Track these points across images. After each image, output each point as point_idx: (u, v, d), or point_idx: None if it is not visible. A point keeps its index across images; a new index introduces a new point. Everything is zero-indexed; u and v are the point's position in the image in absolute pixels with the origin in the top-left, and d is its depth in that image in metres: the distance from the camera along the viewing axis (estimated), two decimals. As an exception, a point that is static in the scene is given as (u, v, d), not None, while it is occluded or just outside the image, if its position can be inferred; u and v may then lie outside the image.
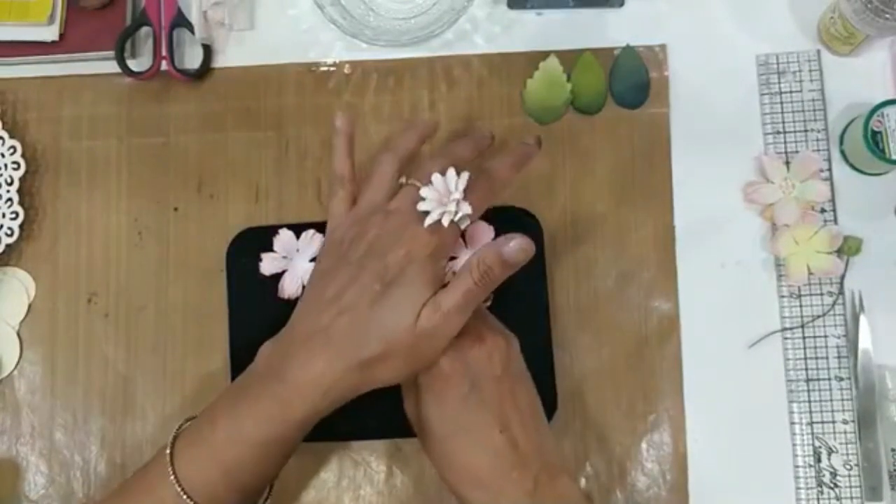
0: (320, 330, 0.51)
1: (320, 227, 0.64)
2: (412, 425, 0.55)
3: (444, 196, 0.52)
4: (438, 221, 0.52)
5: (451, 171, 0.52)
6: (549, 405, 0.61)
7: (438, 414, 0.52)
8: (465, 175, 0.52)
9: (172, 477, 0.51)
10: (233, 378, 0.62)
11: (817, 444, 0.61)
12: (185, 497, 0.50)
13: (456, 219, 0.52)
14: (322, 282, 0.53)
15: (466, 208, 0.52)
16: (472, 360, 0.51)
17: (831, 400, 0.62)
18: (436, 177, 0.52)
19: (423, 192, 0.52)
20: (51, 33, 0.67)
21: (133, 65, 0.67)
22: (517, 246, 0.51)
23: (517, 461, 0.50)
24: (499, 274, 0.51)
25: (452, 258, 0.62)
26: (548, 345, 0.62)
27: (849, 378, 0.62)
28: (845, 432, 0.61)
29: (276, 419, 0.51)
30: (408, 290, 0.50)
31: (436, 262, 0.52)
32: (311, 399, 0.51)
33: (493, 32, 0.67)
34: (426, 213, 0.52)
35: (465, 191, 0.52)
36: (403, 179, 0.55)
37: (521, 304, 0.62)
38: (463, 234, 0.62)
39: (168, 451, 0.52)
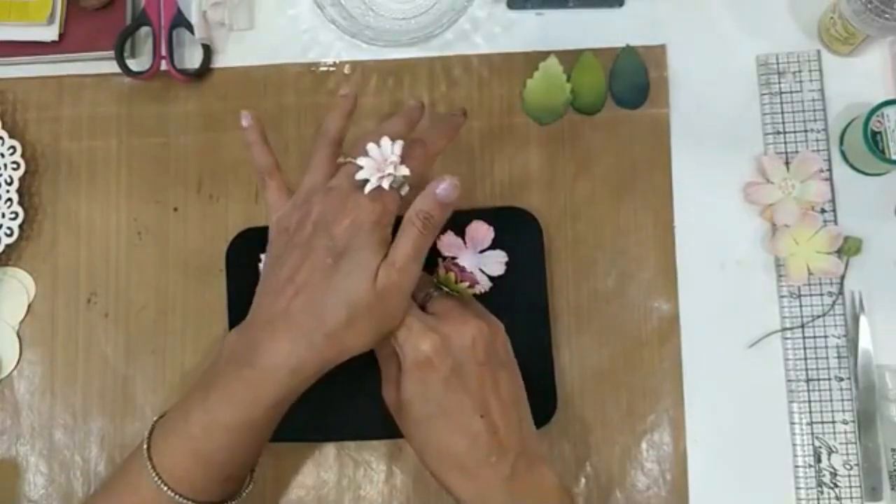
0: (279, 312, 0.51)
1: (320, 227, 0.64)
2: (392, 413, 0.54)
3: (382, 164, 0.52)
4: (379, 188, 0.52)
5: (386, 139, 0.53)
6: (549, 405, 0.61)
7: (419, 396, 0.52)
8: (400, 142, 0.53)
9: (151, 470, 0.51)
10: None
11: (817, 444, 0.61)
12: (165, 489, 0.51)
13: (396, 185, 0.53)
14: (275, 267, 0.54)
15: (404, 170, 0.52)
16: (455, 344, 0.52)
17: (831, 400, 0.62)
18: (371, 146, 0.53)
19: (360, 160, 0.52)
20: (51, 33, 0.67)
21: (133, 65, 0.67)
22: (448, 185, 0.53)
23: (496, 447, 0.51)
24: (438, 217, 0.53)
25: (453, 258, 0.62)
26: (548, 345, 0.62)
27: (849, 378, 0.62)
28: (845, 432, 0.61)
29: (248, 404, 0.51)
30: (359, 255, 0.51)
31: (382, 227, 0.52)
32: (280, 381, 0.51)
33: (493, 32, 0.67)
34: (366, 182, 0.52)
35: (402, 157, 0.53)
36: (342, 159, 0.55)
37: (521, 304, 0.62)
38: (463, 235, 0.62)
39: (145, 446, 0.52)
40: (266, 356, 0.51)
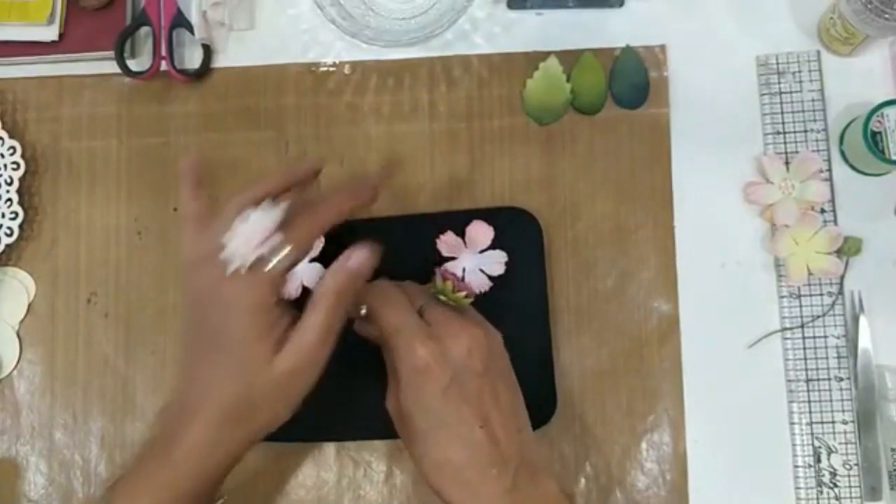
0: (186, 400, 0.51)
1: (320, 228, 0.64)
2: (393, 421, 0.54)
3: (251, 241, 0.49)
4: (257, 266, 0.49)
5: (256, 214, 0.50)
6: (549, 405, 0.61)
7: (418, 408, 0.51)
8: (275, 212, 0.50)
9: None
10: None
11: (817, 444, 0.62)
12: None
13: (276, 266, 0.49)
14: (184, 349, 0.54)
15: (281, 249, 0.50)
16: (452, 354, 0.51)
17: (831, 400, 0.62)
18: (238, 222, 0.50)
19: (226, 237, 0.49)
20: (51, 33, 0.67)
21: (133, 65, 0.67)
22: (362, 256, 0.52)
23: (497, 458, 0.50)
24: (352, 290, 0.52)
25: (452, 258, 0.62)
26: (548, 345, 0.62)
27: (848, 378, 0.62)
28: (845, 432, 0.61)
29: (167, 491, 0.50)
30: (245, 346, 0.50)
31: (264, 310, 0.50)
32: (195, 468, 0.50)
33: (493, 32, 0.67)
34: (240, 259, 0.49)
35: (285, 228, 0.50)
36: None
37: (521, 304, 0.62)
38: (463, 235, 0.62)
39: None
40: (178, 445, 0.50)
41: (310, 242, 0.52)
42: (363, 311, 0.54)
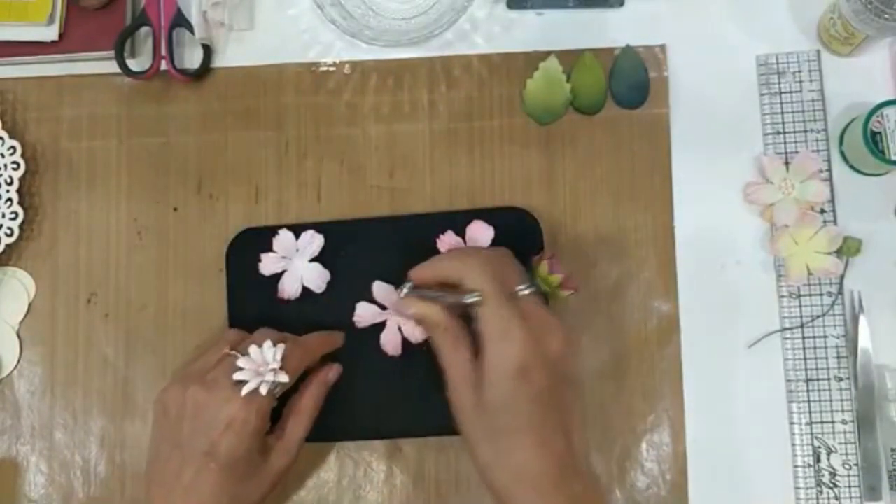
0: None
1: (320, 228, 0.64)
2: (460, 416, 0.51)
3: (262, 367, 0.55)
4: (256, 390, 0.54)
5: (268, 343, 0.56)
6: (549, 405, 0.61)
7: (506, 408, 0.49)
8: (282, 347, 0.55)
9: None
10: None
11: (817, 444, 0.62)
12: None
13: (273, 389, 0.55)
14: (160, 461, 0.55)
15: (283, 377, 0.55)
16: (552, 357, 0.50)
17: (830, 400, 0.62)
18: (253, 348, 0.55)
19: (241, 361, 0.55)
20: (50, 33, 0.67)
21: (133, 65, 0.67)
22: (335, 373, 0.60)
23: (570, 466, 0.49)
24: (323, 399, 0.59)
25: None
26: (548, 345, 0.62)
27: (848, 378, 0.62)
28: (844, 432, 0.61)
29: None
30: (241, 462, 0.54)
31: (259, 432, 0.55)
32: None
33: (493, 32, 0.67)
34: (243, 383, 0.55)
35: (281, 361, 0.55)
36: (227, 350, 0.57)
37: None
38: (463, 235, 0.63)
39: None
40: None
41: (295, 374, 0.57)
42: (474, 298, 0.51)
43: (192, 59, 0.68)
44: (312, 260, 0.64)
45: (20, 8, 0.67)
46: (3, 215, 0.65)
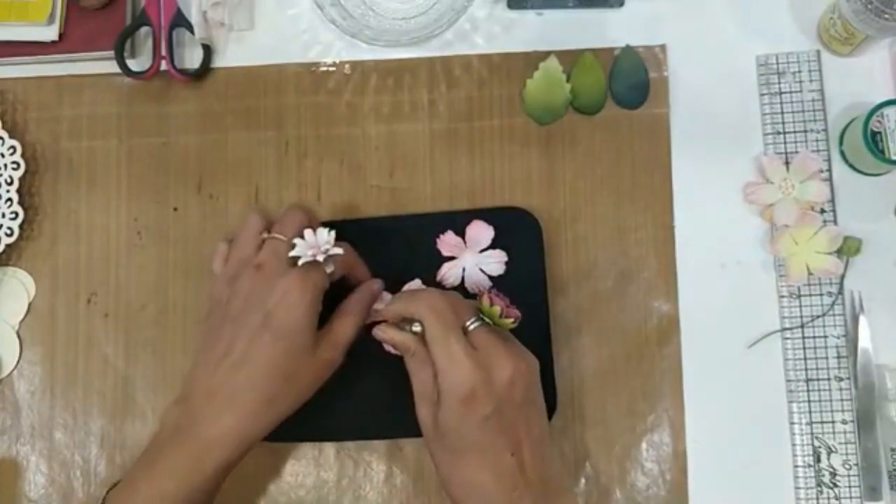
0: (219, 386, 0.54)
1: (320, 228, 0.64)
2: (423, 430, 0.55)
3: (314, 248, 0.55)
4: (311, 263, 0.55)
5: (321, 228, 0.56)
6: (549, 405, 0.61)
7: (457, 430, 0.52)
8: (333, 232, 0.56)
9: None
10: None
11: (817, 444, 0.62)
12: None
13: (329, 253, 0.56)
14: (210, 341, 0.56)
15: (337, 249, 0.56)
16: (498, 384, 0.52)
17: (831, 400, 0.62)
18: (307, 232, 0.56)
19: (297, 241, 0.56)
20: (51, 33, 0.67)
21: (133, 65, 0.67)
22: (379, 285, 0.60)
23: (521, 482, 0.52)
24: (370, 303, 0.60)
25: (452, 258, 0.62)
26: (548, 345, 0.62)
27: (848, 378, 0.62)
28: (845, 432, 0.61)
29: (192, 474, 0.53)
30: (297, 336, 0.54)
31: (314, 306, 0.55)
32: (222, 452, 0.53)
33: (493, 32, 0.67)
34: (297, 260, 0.55)
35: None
36: (265, 234, 0.58)
37: (521, 305, 0.61)
38: (463, 235, 0.63)
39: None
40: (211, 429, 0.53)
41: (348, 263, 0.59)
42: (416, 328, 0.54)
43: (192, 59, 0.68)
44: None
45: (20, 8, 0.67)
46: (3, 215, 0.65)
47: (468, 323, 0.54)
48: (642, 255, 0.64)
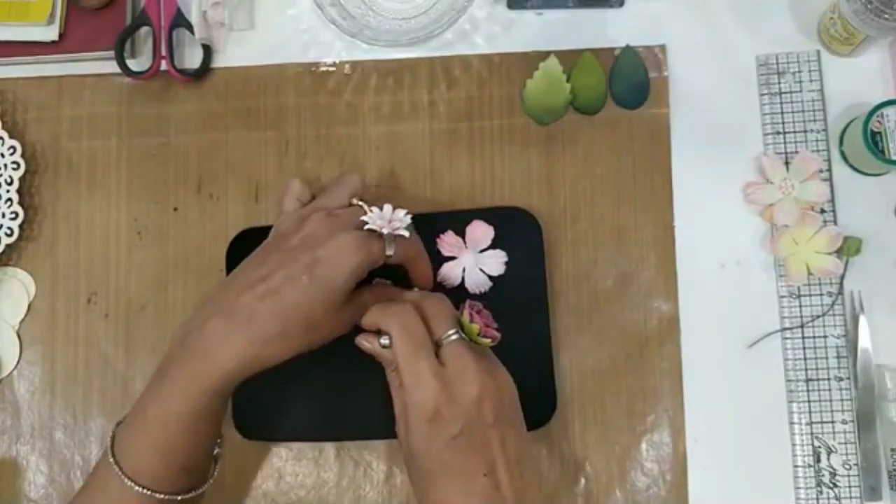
0: (243, 307, 0.53)
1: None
2: (401, 451, 0.54)
3: (386, 222, 0.55)
4: (375, 234, 0.55)
5: (400, 209, 0.56)
6: (549, 405, 0.61)
7: (425, 451, 0.51)
8: (410, 217, 0.56)
9: (115, 466, 0.52)
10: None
11: (817, 444, 0.62)
12: (129, 483, 0.52)
13: (390, 238, 0.55)
14: (254, 261, 0.55)
15: (404, 232, 0.55)
16: (465, 404, 0.51)
17: (831, 400, 0.62)
18: (386, 206, 0.56)
19: (371, 209, 0.55)
20: (51, 33, 0.67)
21: (133, 65, 0.67)
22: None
23: (497, 502, 0.50)
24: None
25: (452, 258, 0.62)
26: (548, 345, 0.62)
27: (848, 378, 0.62)
28: (845, 432, 0.61)
29: (198, 392, 0.52)
30: (333, 290, 0.53)
31: (360, 269, 0.54)
32: (229, 373, 0.52)
33: (493, 32, 0.67)
34: (365, 224, 0.55)
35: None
36: (356, 200, 0.57)
37: (521, 304, 0.62)
38: (463, 235, 0.63)
39: (110, 445, 0.53)
40: (219, 349, 0.52)
41: (411, 254, 0.58)
42: (385, 342, 0.54)
43: (192, 59, 0.68)
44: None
45: (20, 8, 0.67)
46: (3, 215, 0.65)
47: (444, 336, 0.53)
48: (642, 255, 0.64)
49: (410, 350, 0.52)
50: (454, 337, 0.53)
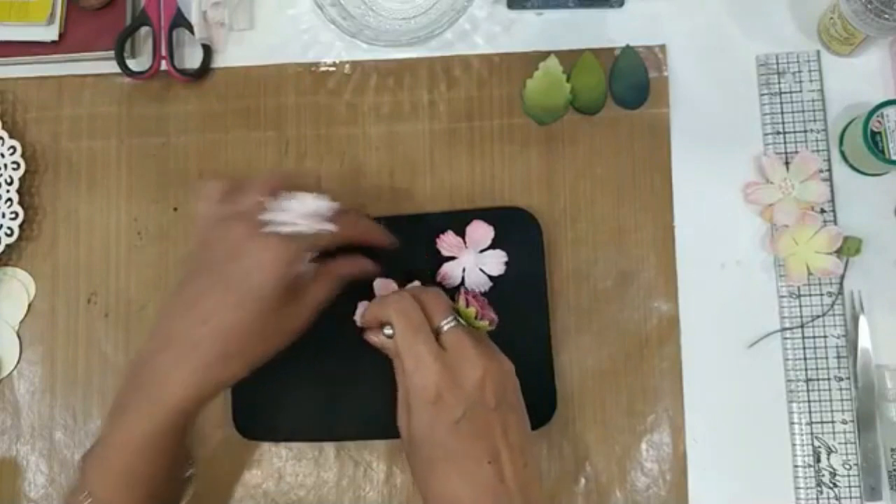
0: (182, 335, 0.52)
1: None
2: (402, 441, 0.53)
3: (303, 215, 0.53)
4: (297, 232, 0.53)
5: (314, 196, 0.54)
6: (549, 405, 0.61)
7: (427, 437, 0.50)
8: (332, 204, 0.54)
9: (86, 497, 0.52)
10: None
11: (817, 443, 0.62)
12: None
13: (313, 225, 0.54)
14: (186, 282, 0.54)
15: (330, 226, 0.54)
16: (466, 386, 0.50)
17: (831, 400, 0.62)
18: (302, 194, 0.54)
19: (284, 203, 0.53)
20: (51, 33, 0.67)
21: (133, 65, 0.67)
22: (368, 265, 0.59)
23: (502, 494, 0.49)
24: (346, 280, 0.58)
25: (452, 258, 0.62)
26: (548, 345, 0.62)
27: (848, 378, 0.62)
28: (845, 432, 0.61)
29: (156, 422, 0.52)
30: (265, 299, 0.52)
31: (290, 272, 0.53)
32: (182, 399, 0.52)
33: (493, 32, 0.67)
34: (283, 224, 0.53)
35: (333, 219, 0.54)
36: (270, 199, 0.55)
37: (521, 304, 0.62)
38: (463, 235, 0.63)
39: (79, 477, 0.53)
40: (168, 382, 0.52)
41: (347, 238, 0.56)
42: (388, 332, 0.54)
43: (192, 59, 0.68)
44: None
45: (20, 8, 0.67)
46: (3, 215, 0.65)
47: (443, 322, 0.53)
48: (642, 255, 0.64)
49: (409, 334, 0.52)
50: (453, 323, 0.53)
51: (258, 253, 0.52)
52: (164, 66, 0.67)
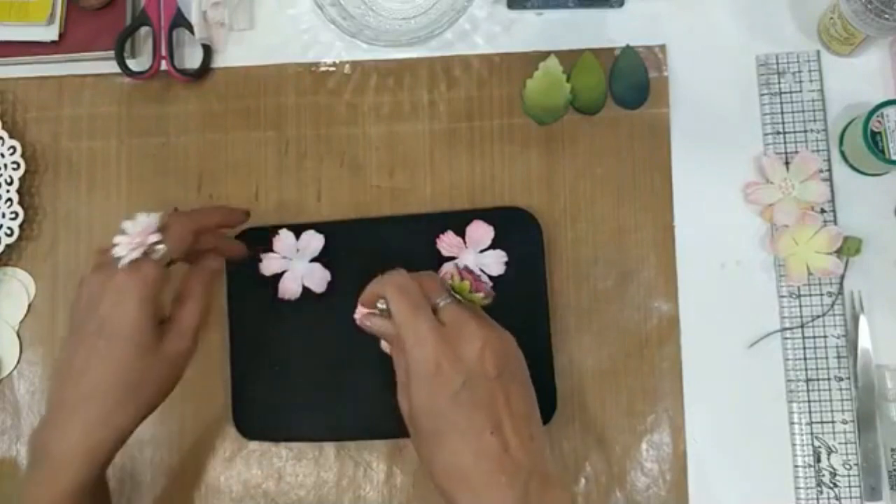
0: (68, 401, 0.53)
1: (320, 228, 0.64)
2: (405, 422, 0.53)
3: (136, 238, 0.53)
4: (137, 262, 0.53)
5: (141, 215, 0.54)
6: (549, 405, 0.61)
7: (428, 409, 0.50)
8: (155, 215, 0.54)
9: None
10: (232, 377, 0.63)
11: (817, 444, 0.62)
12: None
13: (156, 256, 0.54)
14: (62, 352, 0.55)
15: (160, 245, 0.54)
16: (465, 357, 0.50)
17: (831, 400, 0.62)
18: (126, 223, 0.54)
19: (116, 238, 0.54)
20: (50, 33, 0.67)
21: (133, 65, 0.67)
22: (217, 263, 0.60)
23: (507, 465, 0.49)
24: (215, 282, 0.60)
25: (452, 258, 0.62)
26: (548, 345, 0.62)
27: (848, 378, 0.62)
28: (845, 432, 0.61)
29: (62, 492, 0.51)
30: (131, 338, 0.52)
31: (148, 301, 0.53)
32: (77, 467, 0.52)
33: (493, 32, 0.67)
34: (123, 257, 0.53)
35: (163, 230, 0.54)
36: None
37: (521, 304, 0.62)
38: (463, 235, 0.63)
39: None
40: (58, 446, 0.52)
41: (181, 242, 0.55)
42: (381, 306, 0.53)
43: (192, 59, 0.68)
44: (313, 260, 0.64)
45: (20, 8, 0.67)
46: (3, 215, 0.65)
47: (439, 300, 0.52)
48: (642, 255, 0.64)
49: (408, 309, 0.51)
50: (449, 300, 0.53)
51: (112, 294, 0.52)
52: (164, 66, 0.67)
